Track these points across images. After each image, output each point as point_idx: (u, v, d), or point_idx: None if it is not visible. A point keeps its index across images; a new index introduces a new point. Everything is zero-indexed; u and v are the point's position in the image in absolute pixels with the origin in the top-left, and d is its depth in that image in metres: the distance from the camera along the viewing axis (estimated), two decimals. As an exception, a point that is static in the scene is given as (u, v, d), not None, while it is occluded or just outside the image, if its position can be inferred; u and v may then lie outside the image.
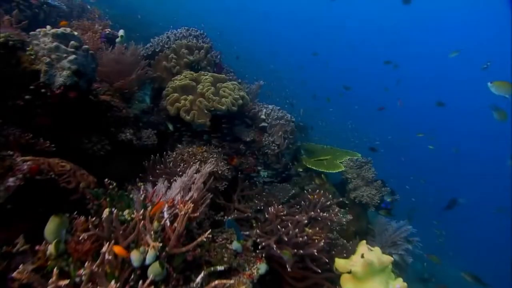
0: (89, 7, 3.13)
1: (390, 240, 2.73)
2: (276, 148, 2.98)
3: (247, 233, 2.13)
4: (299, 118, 3.96)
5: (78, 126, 1.97)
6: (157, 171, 2.02)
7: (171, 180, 1.92)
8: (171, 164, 2.13)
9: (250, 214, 2.23)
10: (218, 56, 3.35)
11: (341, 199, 3.09)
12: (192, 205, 1.34)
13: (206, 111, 2.51)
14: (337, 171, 3.07)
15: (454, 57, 6.05)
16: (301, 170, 3.45)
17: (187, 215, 1.32)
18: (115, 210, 1.22)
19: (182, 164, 2.24)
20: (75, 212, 1.27)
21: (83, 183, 1.33)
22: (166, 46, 3.03)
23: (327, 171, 3.07)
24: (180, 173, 1.94)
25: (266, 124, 3.00)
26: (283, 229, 1.66)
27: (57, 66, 1.57)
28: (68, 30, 1.61)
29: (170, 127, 2.48)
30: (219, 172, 2.38)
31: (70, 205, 1.29)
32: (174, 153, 2.38)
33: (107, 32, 2.57)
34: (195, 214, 1.40)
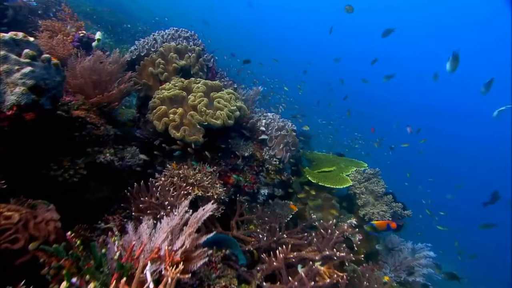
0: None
1: (405, 264, 2.46)
2: (277, 163, 2.67)
3: (248, 271, 1.83)
4: (301, 128, 3.66)
5: (44, 150, 1.63)
6: (141, 205, 1.69)
7: (158, 216, 1.60)
8: (158, 193, 1.80)
9: (252, 248, 1.92)
10: (212, 60, 3.02)
11: (350, 221, 2.81)
12: (182, 266, 1.02)
13: (198, 126, 2.19)
14: (344, 186, 2.78)
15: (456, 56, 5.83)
16: (303, 182, 3.16)
17: (174, 279, 1.01)
18: (77, 281, 0.90)
19: (171, 190, 1.92)
20: (22, 283, 0.94)
21: (34, 243, 1.00)
22: (152, 49, 2.68)
23: (334, 187, 2.78)
24: (169, 207, 1.62)
25: (266, 137, 2.69)
26: (296, 282, 1.36)
27: (6, 81, 1.23)
28: (20, 35, 1.27)
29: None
30: (215, 197, 2.06)
31: (15, 272, 0.97)
32: (163, 176, 2.05)
33: (82, 34, 2.22)
34: (186, 276, 1.08)
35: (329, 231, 1.63)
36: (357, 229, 1.84)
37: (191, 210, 1.42)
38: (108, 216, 1.83)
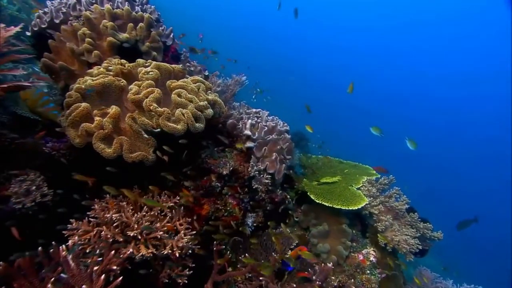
0: None
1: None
2: (269, 180, 1.89)
3: None
4: (295, 129, 2.89)
5: None
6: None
7: None
8: (60, 271, 0.95)
9: None
10: (171, 35, 2.14)
11: (366, 251, 2.12)
12: None
13: (146, 135, 1.34)
14: (359, 206, 2.07)
15: (455, 56, 5.43)
16: (300, 198, 2.43)
17: None
18: None
19: (98, 251, 1.07)
20: None
21: None
22: (73, 13, 1.75)
23: (347, 208, 2.06)
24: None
25: (252, 145, 1.89)
26: None
27: None
28: None
29: None
30: (177, 254, 1.24)
31: None
32: (84, 223, 1.19)
33: None
34: None
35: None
36: None
37: None
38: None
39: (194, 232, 1.41)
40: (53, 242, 1.03)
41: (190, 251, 1.32)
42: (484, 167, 17.76)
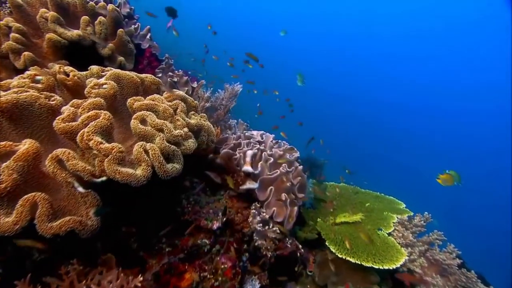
0: None
1: None
2: (278, 233, 1.36)
3: None
4: (304, 154, 2.38)
5: None
6: None
7: None
8: None
9: None
10: (148, 36, 1.64)
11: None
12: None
13: (80, 189, 0.81)
14: (398, 264, 1.54)
15: (454, 57, 5.09)
16: (310, 240, 1.89)
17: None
18: None
19: None
20: None
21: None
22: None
23: (380, 268, 1.53)
24: None
25: (254, 186, 1.36)
26: None
27: None
28: None
29: None
30: None
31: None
32: None
33: None
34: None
35: None
36: None
37: None
38: None
39: None
40: None
41: None
42: (483, 168, 17.39)
